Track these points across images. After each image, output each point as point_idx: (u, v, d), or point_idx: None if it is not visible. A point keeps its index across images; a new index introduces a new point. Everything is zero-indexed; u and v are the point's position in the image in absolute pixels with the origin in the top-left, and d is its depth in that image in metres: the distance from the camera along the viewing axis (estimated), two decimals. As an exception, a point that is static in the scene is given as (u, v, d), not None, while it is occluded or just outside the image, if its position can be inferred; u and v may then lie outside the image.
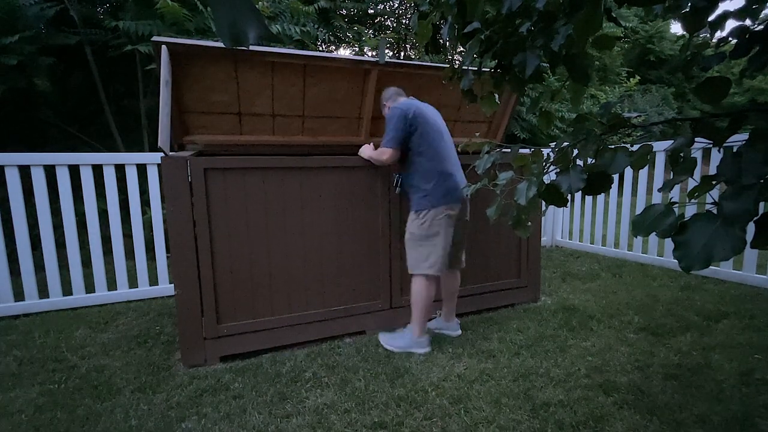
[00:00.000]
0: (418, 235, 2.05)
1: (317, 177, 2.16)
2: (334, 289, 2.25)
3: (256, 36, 0.56)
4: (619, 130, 0.72)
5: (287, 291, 2.16)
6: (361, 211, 2.27)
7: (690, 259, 0.60)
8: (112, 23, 4.16)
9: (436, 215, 2.02)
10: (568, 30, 0.70)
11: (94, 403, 1.71)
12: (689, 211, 3.18)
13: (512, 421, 1.55)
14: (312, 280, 2.20)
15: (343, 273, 2.27)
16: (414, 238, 2.07)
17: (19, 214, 2.63)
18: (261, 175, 2.05)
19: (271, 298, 2.14)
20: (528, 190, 0.76)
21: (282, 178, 2.09)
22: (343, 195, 2.22)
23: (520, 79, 0.80)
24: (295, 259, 2.16)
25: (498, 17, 0.80)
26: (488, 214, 0.93)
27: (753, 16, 0.78)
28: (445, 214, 2.02)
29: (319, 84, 2.54)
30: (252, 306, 2.10)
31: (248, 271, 2.07)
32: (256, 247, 2.08)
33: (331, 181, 2.19)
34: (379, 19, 8.80)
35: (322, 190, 2.18)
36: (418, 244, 2.06)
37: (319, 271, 2.21)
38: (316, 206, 2.17)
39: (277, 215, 2.10)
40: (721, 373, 1.84)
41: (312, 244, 2.18)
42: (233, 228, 2.02)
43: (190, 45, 2.12)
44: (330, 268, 2.23)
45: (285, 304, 2.16)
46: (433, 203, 2.02)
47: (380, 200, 2.29)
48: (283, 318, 2.15)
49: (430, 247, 2.03)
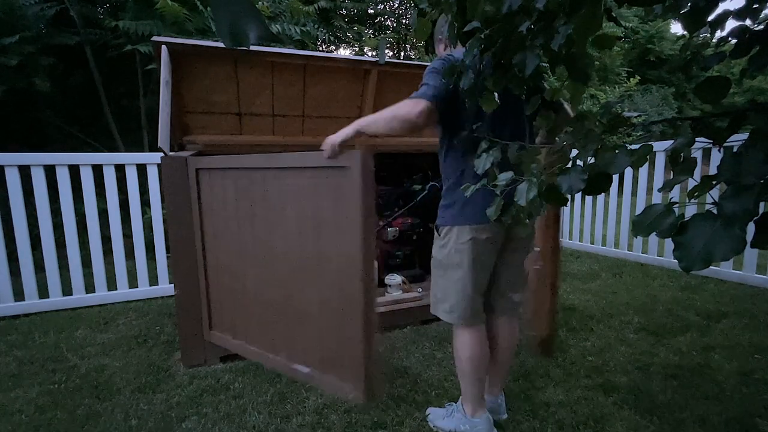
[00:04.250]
0: (438, 262, 1.44)
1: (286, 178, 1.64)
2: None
3: (257, 36, 0.56)
4: (619, 130, 0.72)
5: (253, 311, 1.80)
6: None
7: (690, 259, 0.59)
8: (112, 23, 4.17)
9: (459, 237, 1.36)
10: (568, 29, 0.71)
11: (94, 403, 1.71)
12: (689, 211, 3.18)
13: (512, 421, 1.55)
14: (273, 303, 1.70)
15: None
16: (435, 264, 1.46)
17: (19, 214, 2.63)
18: (234, 176, 1.74)
19: (241, 314, 1.85)
20: (528, 191, 0.76)
21: (252, 178, 1.70)
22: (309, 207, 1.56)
23: (520, 78, 0.80)
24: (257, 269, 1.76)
25: (498, 16, 0.80)
26: (488, 214, 0.92)
27: (753, 16, 0.78)
28: (471, 237, 1.34)
29: (319, 84, 2.54)
30: (232, 317, 1.90)
31: (227, 278, 1.87)
32: (231, 253, 1.83)
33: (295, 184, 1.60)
34: (379, 19, 8.80)
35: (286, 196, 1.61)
36: (437, 273, 1.45)
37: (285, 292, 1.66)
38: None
39: (247, 219, 1.74)
40: (721, 373, 1.84)
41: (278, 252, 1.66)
42: (217, 230, 1.87)
43: (190, 45, 2.12)
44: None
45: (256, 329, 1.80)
46: (456, 219, 1.37)
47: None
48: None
49: (447, 280, 1.41)
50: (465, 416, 1.47)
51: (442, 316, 1.45)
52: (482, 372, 1.45)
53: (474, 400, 1.46)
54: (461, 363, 1.45)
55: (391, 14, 8.93)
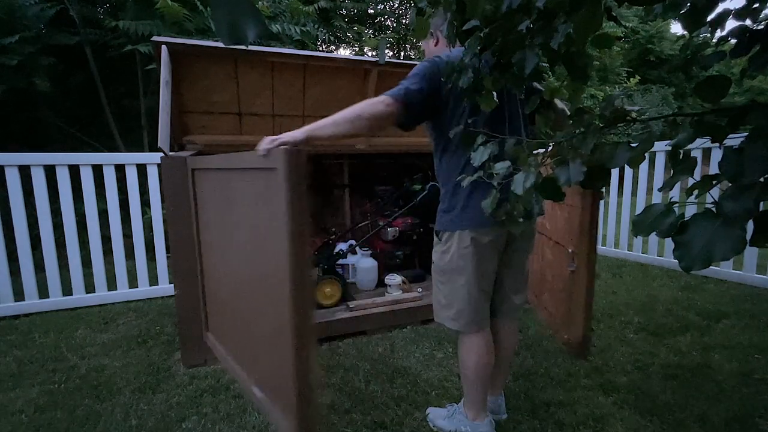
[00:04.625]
0: (440, 268, 1.42)
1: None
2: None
3: (255, 34, 0.56)
4: (619, 125, 0.71)
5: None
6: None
7: (690, 259, 0.59)
8: (112, 23, 4.17)
9: (462, 242, 1.34)
10: (567, 28, 0.70)
11: (94, 403, 1.71)
12: (689, 210, 3.17)
13: (512, 421, 1.55)
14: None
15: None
16: (436, 270, 1.44)
17: (19, 214, 2.63)
18: (211, 177, 1.64)
19: (221, 323, 1.73)
20: (525, 181, 0.75)
21: (218, 179, 1.56)
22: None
23: (519, 77, 0.80)
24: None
25: (497, 15, 0.80)
26: (483, 206, 0.91)
27: (753, 15, 0.78)
28: (473, 241, 1.32)
29: (319, 84, 2.54)
30: (216, 323, 1.80)
31: (212, 283, 1.77)
32: (212, 257, 1.74)
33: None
34: (379, 19, 8.80)
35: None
36: (439, 279, 1.43)
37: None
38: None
39: (217, 223, 1.65)
40: (721, 373, 1.84)
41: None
42: (204, 232, 1.79)
43: (190, 45, 2.12)
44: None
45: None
46: (457, 223, 1.34)
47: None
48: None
49: (451, 287, 1.39)
50: (466, 419, 1.46)
51: (447, 323, 1.41)
52: (487, 378, 1.43)
53: (477, 404, 1.45)
54: (467, 370, 1.42)
55: (391, 14, 8.92)
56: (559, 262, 2.06)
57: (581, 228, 1.87)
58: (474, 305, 1.36)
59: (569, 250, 1.92)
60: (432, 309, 1.51)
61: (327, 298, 2.43)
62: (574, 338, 1.97)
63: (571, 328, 1.98)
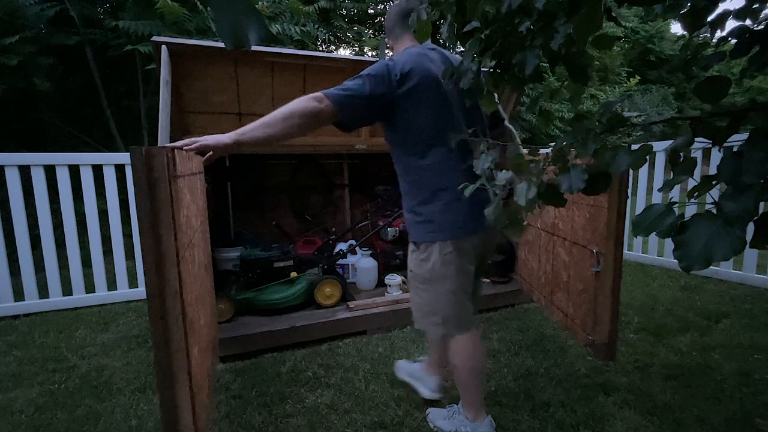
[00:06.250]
0: (419, 276, 1.39)
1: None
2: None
3: (257, 38, 0.56)
4: (619, 130, 0.71)
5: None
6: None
7: (690, 259, 0.59)
8: (112, 23, 4.17)
9: (443, 249, 1.32)
10: (567, 29, 0.71)
11: (94, 403, 1.71)
12: (689, 211, 3.18)
13: (512, 421, 1.55)
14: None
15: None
16: (415, 278, 1.41)
17: (19, 214, 2.63)
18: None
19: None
20: (528, 191, 0.75)
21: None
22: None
23: (520, 78, 0.80)
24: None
25: (497, 16, 0.80)
26: (486, 215, 0.91)
27: (753, 16, 0.78)
28: (454, 247, 1.31)
29: (319, 84, 2.53)
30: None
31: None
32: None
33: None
34: (379, 19, 8.80)
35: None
36: (419, 287, 1.40)
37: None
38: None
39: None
40: (721, 373, 1.84)
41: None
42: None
43: (190, 45, 2.12)
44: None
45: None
46: (437, 234, 1.32)
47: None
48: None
49: (435, 294, 1.36)
50: (466, 420, 1.46)
51: (432, 329, 1.40)
52: (482, 377, 1.43)
53: (475, 405, 1.45)
54: (461, 373, 1.41)
55: (391, 14, 8.92)
56: (577, 262, 2.04)
57: (608, 228, 1.84)
58: (460, 308, 1.36)
59: (593, 250, 1.89)
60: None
61: (327, 298, 2.43)
62: (600, 340, 1.96)
63: (597, 329, 1.97)
